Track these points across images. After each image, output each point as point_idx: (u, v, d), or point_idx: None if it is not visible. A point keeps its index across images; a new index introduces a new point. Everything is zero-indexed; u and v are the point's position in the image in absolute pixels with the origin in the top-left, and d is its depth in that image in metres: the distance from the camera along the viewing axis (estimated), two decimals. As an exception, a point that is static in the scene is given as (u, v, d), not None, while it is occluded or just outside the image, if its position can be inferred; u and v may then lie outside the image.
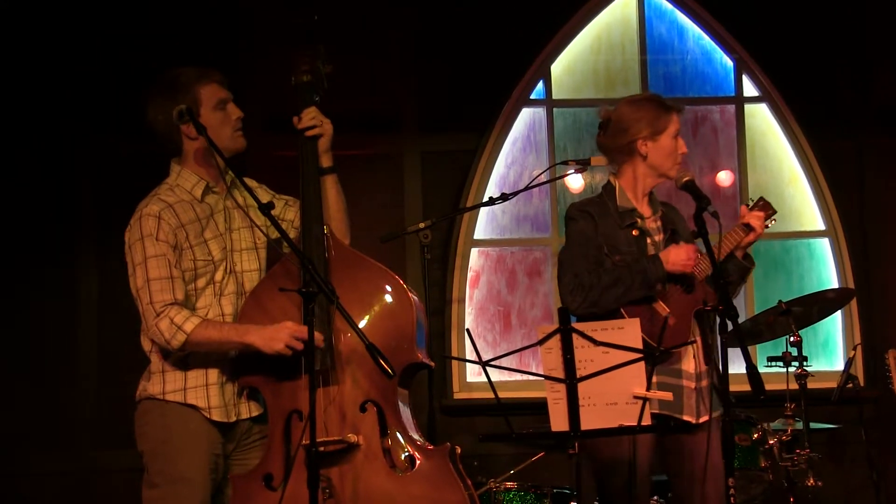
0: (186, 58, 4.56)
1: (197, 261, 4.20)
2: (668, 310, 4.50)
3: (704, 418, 4.54)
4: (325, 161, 4.38)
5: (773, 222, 4.80)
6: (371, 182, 7.15)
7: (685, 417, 4.52)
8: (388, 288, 4.26)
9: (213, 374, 4.20)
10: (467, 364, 7.13)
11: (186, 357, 4.18)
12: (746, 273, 4.73)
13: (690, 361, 4.55)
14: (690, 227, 4.59)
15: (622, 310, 4.51)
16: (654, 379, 4.31)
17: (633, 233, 4.66)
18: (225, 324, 4.20)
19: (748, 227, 4.63)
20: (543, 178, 6.14)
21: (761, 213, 4.70)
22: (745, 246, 4.68)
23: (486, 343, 7.27)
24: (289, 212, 4.50)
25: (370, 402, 4.14)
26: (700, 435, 4.50)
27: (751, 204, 4.78)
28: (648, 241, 4.68)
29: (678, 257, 4.54)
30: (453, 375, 7.15)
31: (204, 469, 4.15)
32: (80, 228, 6.95)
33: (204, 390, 4.18)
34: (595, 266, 4.59)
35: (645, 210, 4.74)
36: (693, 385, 4.54)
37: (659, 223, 4.76)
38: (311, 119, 4.33)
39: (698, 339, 4.57)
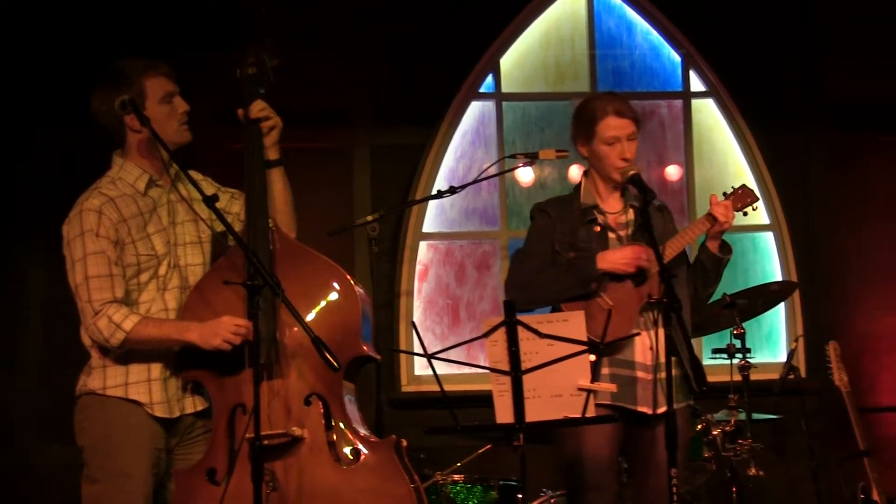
0: (133, 47, 4.54)
1: (140, 255, 4.17)
2: (610, 304, 4.53)
3: (663, 409, 4.51)
4: (272, 154, 4.36)
5: (754, 209, 4.78)
6: (320, 176, 7.14)
7: (640, 408, 4.56)
8: (334, 281, 4.25)
9: (157, 369, 4.18)
10: (415, 357, 7.14)
11: (128, 352, 4.14)
12: (718, 262, 4.69)
13: (646, 353, 4.58)
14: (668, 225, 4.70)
15: (562, 306, 4.55)
16: (606, 370, 4.37)
17: (595, 228, 4.69)
18: (165, 321, 4.17)
19: (712, 218, 4.63)
20: (492, 171, 6.14)
21: (729, 203, 4.67)
22: (712, 236, 4.67)
23: (435, 336, 7.29)
24: (234, 205, 4.48)
25: (315, 395, 4.13)
26: (659, 429, 4.49)
27: (727, 193, 4.76)
28: (612, 236, 4.70)
29: (614, 257, 4.57)
30: (401, 369, 7.16)
31: (146, 464, 4.12)
32: (25, 221, 6.89)
33: (146, 385, 4.15)
34: (542, 264, 4.64)
35: (612, 205, 4.77)
36: (649, 377, 4.56)
37: (628, 218, 4.75)
38: (261, 111, 4.31)
39: (656, 331, 4.57)
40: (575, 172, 7.36)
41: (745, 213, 4.77)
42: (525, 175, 7.46)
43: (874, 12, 7.46)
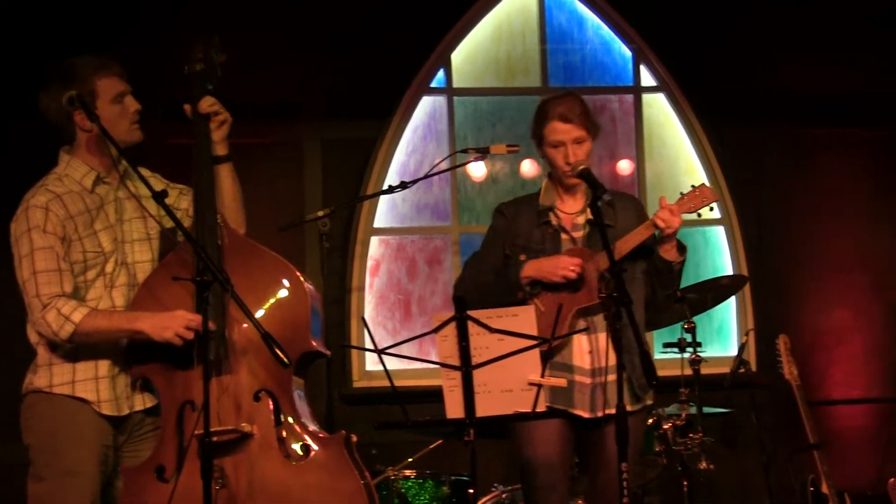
0: (83, 43, 4.50)
1: (86, 252, 4.13)
2: (542, 309, 4.53)
3: (605, 412, 4.53)
4: (221, 149, 4.34)
5: (712, 209, 4.70)
6: (271, 170, 7.12)
7: (576, 411, 4.56)
8: (283, 277, 4.24)
9: (104, 366, 4.15)
10: (366, 352, 7.13)
11: (75, 349, 4.11)
12: (669, 265, 4.64)
13: (584, 357, 4.58)
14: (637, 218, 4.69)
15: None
16: (546, 373, 4.35)
17: (549, 230, 4.69)
18: (114, 312, 4.15)
19: (654, 224, 4.57)
20: (444, 166, 6.15)
21: (674, 207, 4.60)
22: (661, 239, 4.60)
23: (386, 331, 7.28)
24: (183, 201, 4.46)
25: (264, 391, 4.12)
26: (608, 428, 4.48)
27: (683, 192, 4.70)
28: (565, 237, 4.70)
29: (541, 265, 4.58)
30: (353, 364, 7.15)
31: (93, 462, 4.09)
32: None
33: (94, 383, 4.12)
34: (486, 266, 4.68)
35: (571, 206, 4.76)
36: (588, 381, 4.57)
37: (584, 219, 4.73)
38: (211, 106, 4.28)
39: (595, 335, 4.59)
40: (527, 167, 7.40)
41: (699, 215, 4.70)
42: (477, 170, 7.46)
43: (824, 8, 7.52)
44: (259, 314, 4.13)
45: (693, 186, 4.70)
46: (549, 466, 4.58)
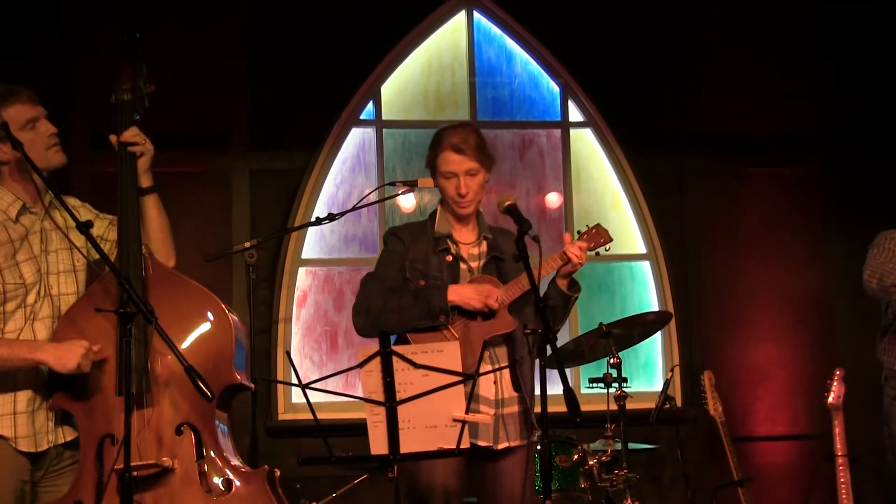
0: (11, 71, 4.44)
1: (6, 284, 4.06)
2: (457, 337, 4.54)
3: (505, 444, 4.57)
4: (146, 181, 4.30)
5: (607, 249, 4.80)
6: (198, 200, 7.07)
7: (480, 443, 4.54)
8: (207, 309, 4.20)
9: (22, 400, 4.07)
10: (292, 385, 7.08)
11: None
12: (568, 300, 4.72)
13: (490, 388, 4.59)
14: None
15: (408, 336, 4.54)
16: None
17: (447, 258, 4.68)
18: (16, 341, 4.05)
19: (565, 257, 4.63)
20: (372, 198, 6.13)
21: (584, 244, 4.69)
22: (563, 274, 4.68)
23: (313, 363, 7.25)
24: (112, 232, 4.40)
25: (186, 424, 4.07)
26: (506, 460, 4.56)
27: (582, 231, 4.79)
28: (463, 266, 4.70)
29: (466, 291, 4.57)
30: (278, 396, 7.09)
31: (8, 498, 4.00)
32: None
33: (11, 419, 4.04)
34: (387, 290, 4.63)
35: (465, 236, 4.77)
36: (492, 411, 4.56)
37: (481, 249, 4.77)
38: (133, 136, 4.25)
39: (501, 364, 4.60)
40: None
41: (598, 253, 4.79)
42: (406, 201, 7.47)
43: (745, 51, 7.65)
44: (183, 346, 4.09)
45: (588, 226, 4.81)
46: (447, 495, 4.55)
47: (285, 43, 7.27)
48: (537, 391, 4.32)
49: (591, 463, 5.61)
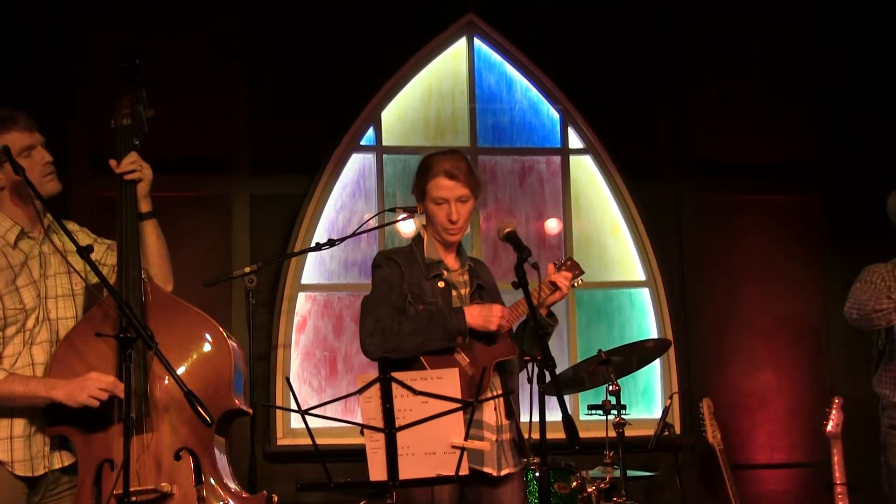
0: (10, 95, 4.45)
1: (7, 310, 4.06)
2: (468, 361, 4.55)
3: (507, 471, 4.60)
4: (145, 206, 4.30)
5: (579, 283, 4.85)
6: (198, 224, 7.08)
7: (486, 469, 4.55)
8: (206, 334, 4.20)
9: (20, 425, 4.07)
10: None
11: None
12: (549, 330, 4.73)
13: (492, 414, 4.61)
14: (505, 282, 4.66)
15: (422, 359, 4.53)
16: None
17: (440, 284, 4.69)
18: (31, 378, 4.06)
19: (554, 286, 4.66)
20: (372, 223, 6.15)
21: (569, 274, 4.75)
22: (549, 304, 4.72)
23: (312, 388, 7.24)
24: (111, 256, 4.40)
25: (185, 449, 4.07)
26: (503, 488, 4.58)
27: (558, 263, 4.83)
28: (454, 293, 4.71)
29: (481, 314, 4.58)
30: (277, 421, 7.08)
31: (6, 523, 4.02)
32: None
33: (8, 443, 4.04)
34: (397, 312, 4.61)
35: (452, 263, 4.80)
36: (494, 437, 4.58)
37: (466, 277, 4.80)
38: (131, 164, 4.25)
39: (498, 391, 4.63)
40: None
41: (574, 286, 4.83)
42: (406, 227, 7.46)
43: (744, 78, 7.69)
44: (182, 371, 4.10)
45: (566, 258, 4.87)
46: None
47: (286, 68, 7.30)
48: (524, 417, 4.36)
49: (589, 490, 5.61)
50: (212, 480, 4.07)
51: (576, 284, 4.83)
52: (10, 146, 4.07)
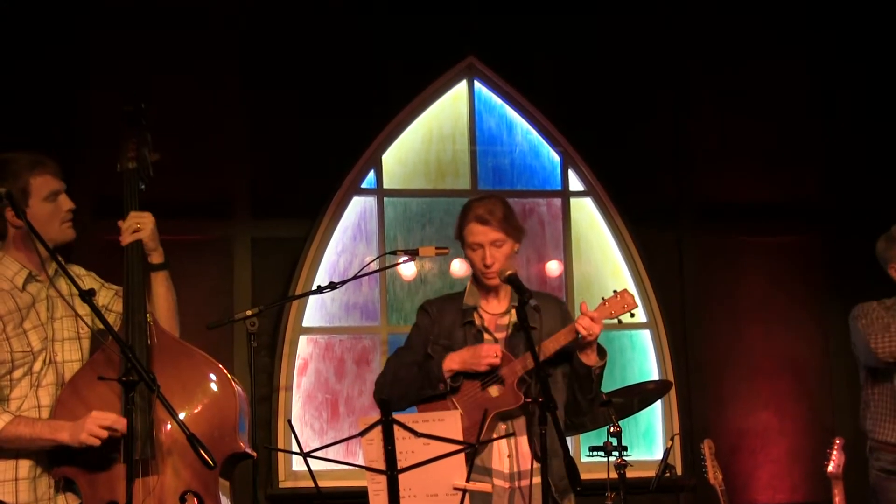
0: (18, 137, 4.47)
1: (14, 353, 4.08)
2: (457, 406, 4.55)
3: None
4: (156, 258, 4.32)
5: (633, 315, 4.66)
6: (200, 267, 7.10)
7: None
8: (212, 377, 4.22)
9: (25, 467, 4.08)
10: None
11: None
12: (589, 371, 4.62)
13: (503, 461, 4.60)
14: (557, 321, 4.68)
15: (417, 407, 4.55)
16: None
17: (473, 330, 4.71)
18: (37, 421, 4.07)
19: (574, 332, 4.58)
20: (373, 266, 6.16)
21: (597, 314, 4.58)
22: (581, 345, 4.60)
23: (314, 431, 7.24)
24: (117, 303, 4.41)
25: (190, 492, 4.08)
26: None
27: (607, 296, 4.68)
28: (487, 337, 4.72)
29: (463, 356, 4.59)
30: (279, 464, 7.08)
31: (12, 564, 4.02)
32: None
33: (13, 485, 4.05)
34: (412, 361, 4.64)
35: (494, 307, 4.79)
36: (506, 485, 4.58)
37: (511, 319, 4.75)
38: (129, 227, 4.27)
39: (515, 439, 4.61)
40: (457, 267, 7.43)
41: (620, 321, 4.68)
42: (407, 270, 7.50)
43: (744, 120, 7.74)
44: (186, 414, 4.11)
45: (615, 292, 4.69)
46: None
47: (286, 111, 7.34)
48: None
49: (591, 532, 5.61)
50: (215, 523, 4.09)
51: (621, 320, 4.65)
52: (37, 189, 4.13)
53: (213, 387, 4.21)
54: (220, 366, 4.25)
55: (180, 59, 7.22)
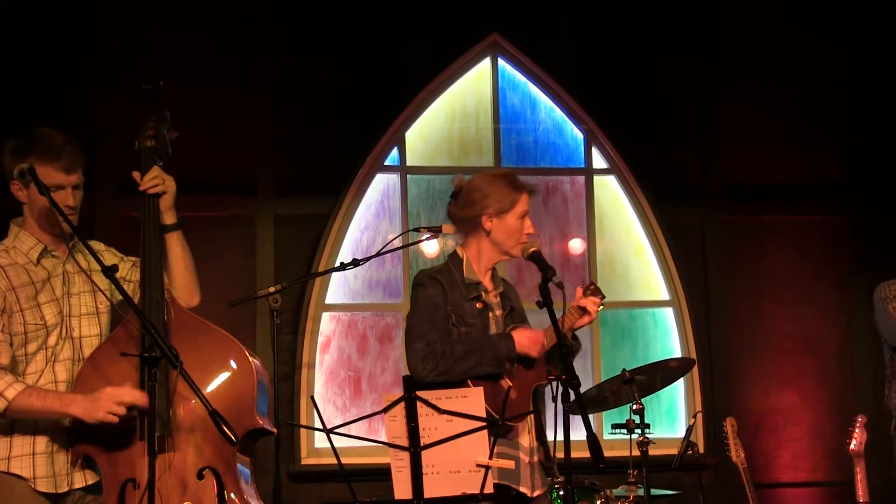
0: (40, 112, 4.46)
1: (27, 325, 4.07)
2: (510, 384, 4.56)
3: (538, 492, 4.61)
4: (169, 218, 4.29)
5: (601, 308, 4.78)
6: (223, 245, 7.12)
7: (522, 489, 4.55)
8: (228, 353, 4.19)
9: (42, 442, 4.07)
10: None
11: (13, 423, 4.03)
12: (572, 351, 4.68)
13: (526, 436, 4.61)
14: (530, 302, 4.66)
15: (469, 382, 4.53)
16: (495, 449, 4.34)
17: (478, 305, 4.70)
18: (49, 392, 4.05)
19: (583, 310, 4.64)
20: (396, 243, 6.15)
21: (597, 299, 4.69)
22: (577, 328, 4.71)
23: (336, 408, 7.25)
24: (135, 273, 4.39)
25: (209, 468, 4.07)
26: None
27: (584, 287, 4.76)
28: (491, 315, 4.72)
29: (528, 342, 4.58)
30: (301, 441, 7.10)
31: (29, 539, 4.02)
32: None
33: (30, 459, 4.04)
34: (444, 335, 4.62)
35: (488, 284, 4.79)
36: (528, 459, 4.59)
37: (499, 299, 4.80)
38: (153, 178, 4.25)
39: (532, 416, 4.63)
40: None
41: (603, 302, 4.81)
42: (430, 247, 7.50)
43: (769, 100, 7.69)
44: (205, 391, 4.09)
45: (592, 282, 4.78)
46: None
47: (311, 89, 7.34)
48: (549, 436, 4.46)
49: (613, 509, 5.61)
50: (234, 499, 4.06)
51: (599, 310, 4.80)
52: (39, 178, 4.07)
53: (231, 362, 4.19)
54: (237, 341, 4.23)
55: (205, 34, 7.22)
